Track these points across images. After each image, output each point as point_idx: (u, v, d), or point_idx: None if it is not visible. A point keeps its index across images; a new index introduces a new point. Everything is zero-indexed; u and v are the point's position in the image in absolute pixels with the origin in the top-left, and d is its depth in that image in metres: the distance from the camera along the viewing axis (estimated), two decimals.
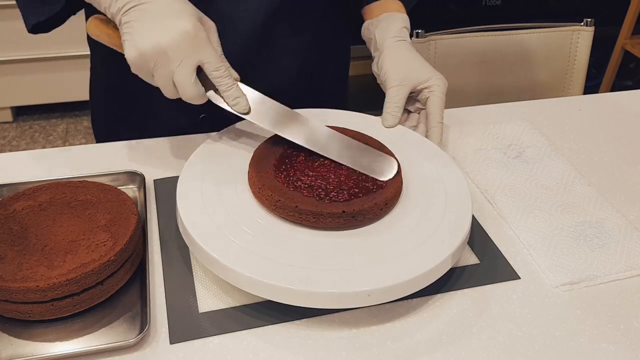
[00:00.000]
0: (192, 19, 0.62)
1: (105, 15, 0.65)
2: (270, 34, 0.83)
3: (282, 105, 0.69)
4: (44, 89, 2.31)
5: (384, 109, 0.78)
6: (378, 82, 0.84)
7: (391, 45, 0.82)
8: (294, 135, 0.68)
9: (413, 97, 0.81)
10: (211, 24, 0.66)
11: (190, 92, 0.63)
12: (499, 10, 2.30)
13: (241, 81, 0.67)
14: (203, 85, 0.65)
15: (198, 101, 0.65)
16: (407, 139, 0.76)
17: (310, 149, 0.68)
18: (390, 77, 0.79)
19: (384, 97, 0.80)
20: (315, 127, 0.70)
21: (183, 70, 0.61)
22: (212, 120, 0.81)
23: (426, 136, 0.78)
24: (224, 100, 0.66)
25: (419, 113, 0.81)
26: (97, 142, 1.00)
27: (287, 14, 0.82)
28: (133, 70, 0.64)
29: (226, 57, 0.82)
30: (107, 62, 0.87)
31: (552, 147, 0.84)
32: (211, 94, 0.66)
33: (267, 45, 0.84)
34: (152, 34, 0.60)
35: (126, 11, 0.62)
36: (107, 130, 0.96)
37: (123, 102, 0.91)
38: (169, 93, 0.64)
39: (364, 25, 0.88)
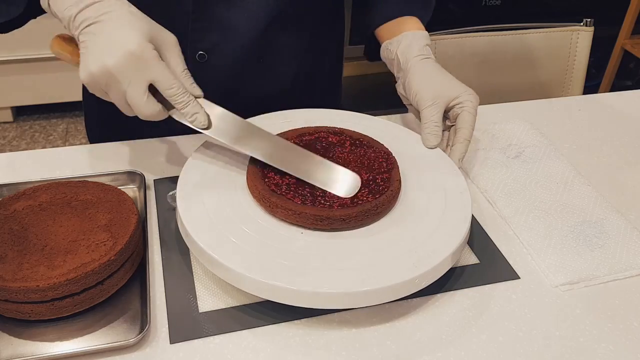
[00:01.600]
0: (138, 38, 0.60)
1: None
2: (269, 39, 0.83)
3: (246, 121, 0.68)
4: (44, 89, 2.31)
5: (423, 130, 0.76)
6: (404, 103, 0.83)
7: (417, 64, 0.79)
8: (253, 150, 0.66)
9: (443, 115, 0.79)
10: (169, 40, 0.63)
11: (145, 110, 0.62)
12: (499, 10, 2.30)
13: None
14: (163, 102, 0.63)
15: (157, 118, 0.63)
16: (406, 139, 0.76)
17: (268, 163, 0.66)
18: (422, 97, 0.77)
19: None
20: (277, 142, 0.68)
21: (133, 89, 0.60)
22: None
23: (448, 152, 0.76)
24: (181, 117, 0.64)
25: (448, 131, 0.79)
26: (91, 141, 0.99)
27: (285, 19, 0.82)
28: (89, 90, 0.64)
29: (225, 66, 0.82)
30: None
31: (552, 147, 0.85)
32: (172, 111, 0.64)
33: (266, 52, 0.84)
34: (100, 55, 0.60)
35: (82, 29, 0.61)
36: (100, 134, 0.96)
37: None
38: (126, 111, 0.63)
39: (383, 46, 0.86)
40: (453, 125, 0.78)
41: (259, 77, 0.86)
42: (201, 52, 0.81)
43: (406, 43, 0.82)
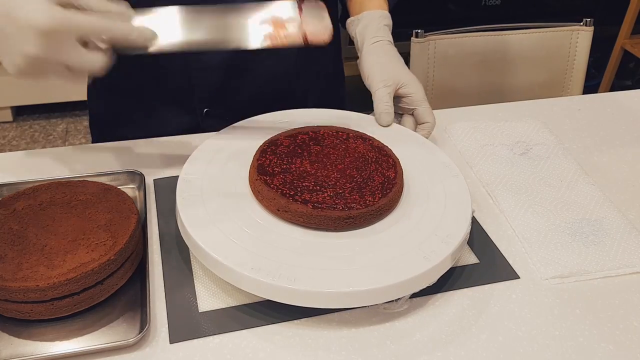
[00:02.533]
0: (44, 11, 0.52)
1: None
2: None
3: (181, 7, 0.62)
4: (44, 89, 2.31)
5: (376, 110, 0.79)
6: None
7: (370, 47, 0.82)
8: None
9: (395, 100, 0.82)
10: None
11: (93, 66, 0.55)
12: (499, 10, 2.31)
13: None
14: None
15: (106, 64, 0.56)
16: (407, 139, 0.76)
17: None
18: (373, 79, 0.80)
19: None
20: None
21: (71, 57, 0.54)
22: (216, 114, 0.81)
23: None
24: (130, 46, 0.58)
25: (401, 115, 0.83)
26: (94, 140, 0.99)
27: None
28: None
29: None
30: None
31: (561, 146, 0.85)
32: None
33: None
34: (12, 49, 0.53)
35: None
36: (106, 132, 0.96)
37: (123, 101, 0.91)
38: (73, 79, 0.57)
39: (347, 22, 0.88)
40: (406, 114, 0.81)
41: (259, 58, 0.85)
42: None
43: (364, 23, 0.84)
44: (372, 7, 0.85)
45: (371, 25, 0.83)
